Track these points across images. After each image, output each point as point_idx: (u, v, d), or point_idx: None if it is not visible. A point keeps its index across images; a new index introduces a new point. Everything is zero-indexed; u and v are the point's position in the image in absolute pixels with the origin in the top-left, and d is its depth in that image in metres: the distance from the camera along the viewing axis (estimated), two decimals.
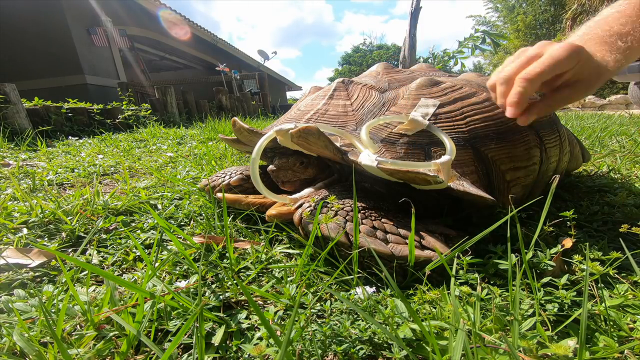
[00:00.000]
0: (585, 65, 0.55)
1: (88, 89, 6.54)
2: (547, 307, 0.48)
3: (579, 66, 0.54)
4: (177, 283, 0.56)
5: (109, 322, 0.49)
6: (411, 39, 7.94)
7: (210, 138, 2.70)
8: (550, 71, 0.53)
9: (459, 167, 0.70)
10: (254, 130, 0.82)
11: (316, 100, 0.96)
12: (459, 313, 0.41)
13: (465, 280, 0.53)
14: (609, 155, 1.55)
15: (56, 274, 0.66)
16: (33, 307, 0.51)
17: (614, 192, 1.00)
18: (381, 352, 0.44)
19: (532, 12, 15.66)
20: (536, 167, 0.80)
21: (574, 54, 0.53)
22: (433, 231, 0.63)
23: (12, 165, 1.56)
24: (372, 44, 33.72)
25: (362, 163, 0.66)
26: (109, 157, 1.90)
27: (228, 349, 0.46)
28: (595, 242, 0.69)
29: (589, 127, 2.64)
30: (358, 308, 0.39)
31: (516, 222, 0.49)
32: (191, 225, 0.88)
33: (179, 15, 8.75)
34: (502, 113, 0.79)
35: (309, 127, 0.65)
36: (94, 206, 0.95)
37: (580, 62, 0.54)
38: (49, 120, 3.05)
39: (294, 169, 0.85)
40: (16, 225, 0.84)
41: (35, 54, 6.40)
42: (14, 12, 6.09)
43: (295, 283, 0.59)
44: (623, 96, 7.35)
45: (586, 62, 0.54)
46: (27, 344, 0.42)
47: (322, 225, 0.62)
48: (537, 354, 0.35)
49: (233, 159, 1.74)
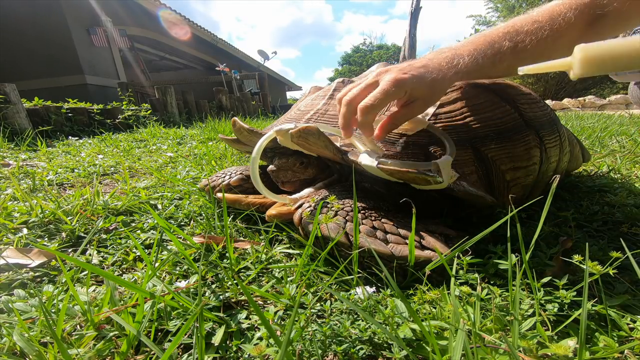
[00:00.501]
0: (417, 89, 0.62)
1: (88, 89, 6.54)
2: (547, 307, 0.48)
3: (410, 90, 0.61)
4: (177, 283, 0.57)
5: (109, 322, 0.49)
6: (411, 39, 7.95)
7: (210, 138, 2.70)
8: (381, 104, 0.60)
9: (459, 167, 0.70)
10: (254, 130, 0.82)
11: (316, 100, 0.96)
12: (459, 313, 0.41)
13: (465, 280, 0.53)
14: (609, 155, 1.55)
15: (56, 274, 0.66)
16: (33, 307, 0.51)
17: (614, 192, 1.00)
18: (381, 352, 0.44)
19: None
20: (536, 167, 0.80)
21: (399, 86, 0.60)
22: (433, 231, 0.63)
23: (12, 165, 1.56)
24: (372, 44, 33.74)
25: (362, 163, 0.66)
26: (109, 157, 1.91)
27: (228, 349, 0.46)
28: (595, 242, 0.69)
29: (589, 127, 2.64)
30: (358, 308, 0.39)
31: (516, 222, 0.49)
32: (191, 225, 0.88)
33: (179, 15, 8.75)
34: (502, 113, 0.80)
35: (309, 127, 0.65)
36: (94, 206, 0.95)
37: (407, 89, 0.61)
38: (49, 120, 3.05)
39: (294, 169, 0.85)
40: (16, 225, 0.84)
41: (35, 54, 6.40)
42: (14, 12, 6.09)
43: (295, 283, 0.59)
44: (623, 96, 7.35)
45: (417, 86, 0.61)
46: (27, 344, 0.42)
47: (322, 226, 0.62)
48: (537, 354, 0.35)
49: (233, 159, 1.74)
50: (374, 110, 0.60)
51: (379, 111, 0.62)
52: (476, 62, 0.66)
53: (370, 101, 0.60)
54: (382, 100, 0.59)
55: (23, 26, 6.21)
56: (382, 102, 0.60)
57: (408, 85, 0.61)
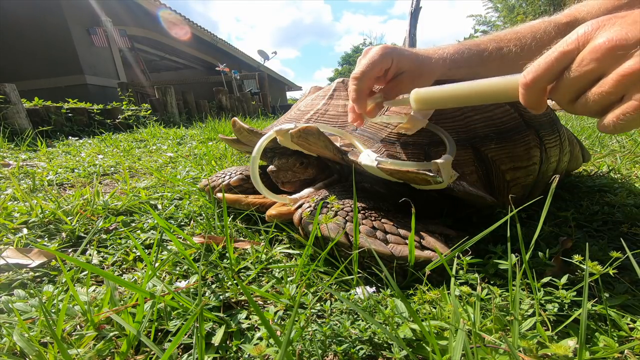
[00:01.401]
0: (402, 60, 0.65)
1: (88, 89, 6.54)
2: (547, 307, 0.48)
3: (396, 60, 0.65)
4: (177, 283, 0.57)
5: (109, 322, 0.49)
6: (411, 39, 7.95)
7: (210, 138, 2.70)
8: (370, 70, 0.64)
9: (459, 167, 0.69)
10: (254, 130, 0.82)
11: (316, 100, 0.96)
12: (459, 313, 0.41)
13: (465, 280, 0.53)
14: (609, 155, 1.55)
15: (56, 274, 0.66)
16: (33, 307, 0.51)
17: (614, 192, 1.00)
18: (381, 352, 0.44)
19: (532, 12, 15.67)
20: (536, 167, 0.80)
21: (383, 52, 0.64)
22: (433, 231, 0.63)
23: (12, 166, 1.56)
24: (372, 44, 33.78)
25: (362, 163, 0.66)
26: (109, 157, 1.91)
27: (228, 349, 0.46)
28: (595, 242, 0.69)
29: (589, 127, 2.63)
30: (358, 308, 0.39)
31: (516, 222, 0.49)
32: (191, 226, 0.88)
33: (179, 15, 8.75)
34: (502, 113, 0.80)
35: (308, 127, 0.65)
36: (94, 206, 0.95)
37: (394, 57, 0.64)
38: (49, 120, 3.05)
39: (294, 170, 0.85)
40: (16, 226, 0.84)
41: (35, 54, 6.40)
42: (14, 12, 6.09)
43: (295, 283, 0.59)
44: None
45: (401, 57, 0.65)
46: (27, 344, 0.42)
47: (322, 226, 0.62)
48: (537, 354, 0.35)
49: (233, 159, 1.74)
50: (363, 77, 0.64)
51: (370, 78, 0.65)
52: (461, 54, 0.70)
53: (360, 69, 0.65)
54: (370, 66, 0.64)
55: (23, 26, 6.21)
56: (370, 69, 0.64)
57: (394, 54, 0.65)
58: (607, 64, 0.34)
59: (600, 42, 0.34)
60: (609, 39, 0.34)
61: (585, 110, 0.38)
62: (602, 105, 0.36)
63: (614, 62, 0.34)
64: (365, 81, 0.65)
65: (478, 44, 0.72)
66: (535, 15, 15.49)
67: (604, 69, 0.35)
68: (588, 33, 0.36)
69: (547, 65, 0.39)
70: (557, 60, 0.38)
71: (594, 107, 0.37)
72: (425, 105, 0.55)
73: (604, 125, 0.36)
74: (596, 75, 0.36)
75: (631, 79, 0.33)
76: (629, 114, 0.33)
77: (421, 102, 0.55)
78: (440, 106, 0.55)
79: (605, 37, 0.34)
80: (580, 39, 0.36)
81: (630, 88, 0.33)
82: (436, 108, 0.65)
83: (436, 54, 0.70)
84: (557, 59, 0.38)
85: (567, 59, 0.37)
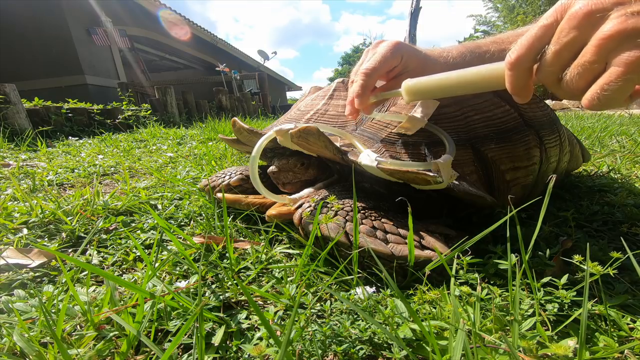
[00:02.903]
0: (411, 58, 0.65)
1: (88, 89, 6.54)
2: (547, 307, 0.48)
3: (405, 58, 0.65)
4: (177, 283, 0.57)
5: (109, 322, 0.49)
6: (411, 39, 7.95)
7: (210, 138, 2.70)
8: (381, 67, 0.63)
9: (459, 167, 0.69)
10: (254, 131, 0.82)
11: (316, 100, 0.96)
12: (459, 313, 0.41)
13: (465, 280, 0.53)
14: (609, 155, 1.55)
15: (56, 274, 0.66)
16: (33, 308, 0.51)
17: (614, 192, 1.00)
18: (381, 352, 0.44)
19: (532, 12, 15.67)
20: (536, 167, 0.80)
21: (395, 48, 0.63)
22: (433, 231, 0.63)
23: (12, 166, 1.56)
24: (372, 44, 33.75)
25: (362, 163, 0.66)
26: (109, 158, 1.91)
27: (228, 349, 0.46)
28: (595, 242, 0.69)
29: (589, 127, 2.64)
30: (358, 308, 0.39)
31: (516, 222, 0.49)
32: (191, 226, 0.88)
33: (179, 15, 8.75)
34: (502, 113, 0.80)
35: (308, 127, 0.65)
36: (94, 206, 0.95)
37: (404, 55, 0.64)
38: (49, 120, 3.05)
39: (294, 171, 0.85)
40: (16, 226, 0.84)
41: (35, 54, 6.40)
42: (14, 12, 6.09)
43: (295, 283, 0.58)
44: None
45: (410, 55, 0.65)
46: (27, 344, 0.42)
47: (322, 226, 0.62)
48: (537, 354, 0.35)
49: (233, 159, 1.74)
50: (374, 73, 0.63)
51: (379, 75, 0.65)
52: (464, 57, 0.70)
53: (371, 64, 0.63)
54: (380, 63, 0.63)
55: (23, 26, 6.21)
56: (380, 65, 0.63)
57: (404, 50, 0.64)
58: (587, 31, 0.32)
59: (576, 9, 0.33)
60: (585, 4, 0.32)
61: (573, 88, 0.36)
62: (586, 80, 0.34)
63: (593, 28, 0.32)
64: (375, 77, 0.64)
65: (480, 45, 0.72)
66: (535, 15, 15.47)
67: (584, 36, 0.33)
68: (566, 4, 0.35)
69: (530, 41, 0.37)
70: (539, 35, 0.37)
71: (580, 82, 0.34)
72: (416, 96, 0.55)
73: (589, 99, 0.33)
74: (578, 45, 0.34)
75: (611, 42, 0.30)
76: (612, 82, 0.31)
77: (412, 93, 0.55)
78: (432, 96, 0.55)
79: (581, 3, 0.33)
80: (558, 9, 0.35)
81: (612, 52, 0.31)
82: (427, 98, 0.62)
83: (441, 57, 0.69)
84: (538, 35, 0.37)
85: (548, 33, 0.36)
